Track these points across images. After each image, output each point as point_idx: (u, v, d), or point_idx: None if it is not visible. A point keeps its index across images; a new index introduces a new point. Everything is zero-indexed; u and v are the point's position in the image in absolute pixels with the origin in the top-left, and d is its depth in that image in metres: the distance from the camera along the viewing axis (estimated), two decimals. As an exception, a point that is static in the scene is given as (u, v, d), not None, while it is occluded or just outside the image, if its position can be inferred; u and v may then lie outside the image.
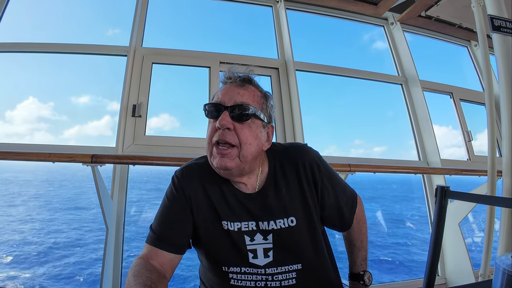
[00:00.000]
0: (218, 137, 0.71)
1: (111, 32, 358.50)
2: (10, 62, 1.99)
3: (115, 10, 40.69)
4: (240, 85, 0.75)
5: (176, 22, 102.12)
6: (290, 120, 1.87)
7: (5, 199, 26.62)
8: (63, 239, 14.39)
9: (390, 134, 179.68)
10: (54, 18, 52.65)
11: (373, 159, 2.03)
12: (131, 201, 18.21)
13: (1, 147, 1.71)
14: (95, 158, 1.41)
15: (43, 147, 1.73)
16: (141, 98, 1.81)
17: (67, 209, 23.14)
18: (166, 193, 0.82)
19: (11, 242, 14.06)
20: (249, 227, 0.76)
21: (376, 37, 20.91)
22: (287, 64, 1.97)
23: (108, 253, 1.62)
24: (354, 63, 7.18)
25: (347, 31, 51.19)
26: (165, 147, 1.75)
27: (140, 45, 1.93)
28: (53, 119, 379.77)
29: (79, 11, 48.92)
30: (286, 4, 2.11)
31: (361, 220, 0.91)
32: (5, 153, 1.51)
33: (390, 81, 2.27)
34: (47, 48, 1.93)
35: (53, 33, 36.01)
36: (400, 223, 17.73)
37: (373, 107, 66.90)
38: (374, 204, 24.49)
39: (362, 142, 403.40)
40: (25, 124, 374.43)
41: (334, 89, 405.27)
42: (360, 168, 1.65)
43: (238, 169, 0.72)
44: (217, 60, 1.91)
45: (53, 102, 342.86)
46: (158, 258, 0.73)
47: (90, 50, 1.93)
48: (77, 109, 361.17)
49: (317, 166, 0.80)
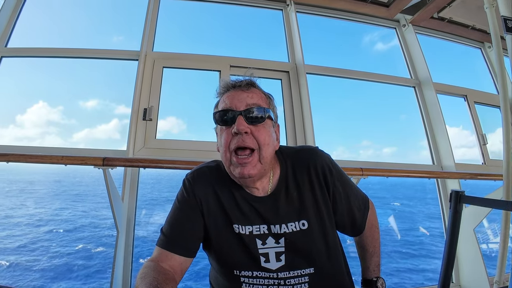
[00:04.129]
0: (237, 143, 0.70)
1: (116, 39, 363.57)
2: (21, 67, 2.03)
3: (122, 17, 41.04)
4: (247, 89, 0.76)
5: (186, 26, 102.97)
6: (301, 123, 1.85)
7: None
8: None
9: (400, 135, 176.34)
10: (62, 25, 53.27)
11: (385, 163, 1.97)
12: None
13: (16, 150, 1.75)
14: (106, 161, 1.42)
15: (56, 150, 1.76)
16: (152, 102, 1.82)
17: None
18: (177, 196, 0.82)
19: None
20: (260, 230, 0.76)
21: (387, 39, 20.68)
22: (298, 67, 1.96)
23: (118, 255, 1.63)
24: (366, 65, 7.07)
25: (358, 33, 50.75)
26: (175, 150, 1.75)
27: (151, 49, 1.95)
28: (62, 122, 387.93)
29: (87, 20, 48.88)
30: (296, 8, 2.10)
31: (373, 226, 0.90)
32: (19, 156, 1.52)
33: (403, 84, 2.23)
34: (60, 53, 1.96)
35: (62, 39, 36.81)
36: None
37: (384, 109, 66.41)
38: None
39: (371, 143, 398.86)
40: (35, 128, 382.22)
41: (342, 90, 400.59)
42: (373, 172, 1.62)
43: (259, 174, 0.72)
44: (227, 63, 1.91)
45: (62, 106, 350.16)
46: (169, 261, 0.72)
47: (102, 54, 1.95)
48: (85, 113, 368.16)
49: (329, 169, 0.79)
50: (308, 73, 1.92)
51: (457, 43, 2.54)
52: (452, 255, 1.20)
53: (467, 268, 1.89)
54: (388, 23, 2.33)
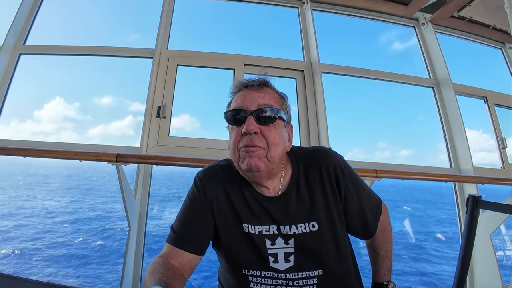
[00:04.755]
0: (246, 142, 0.70)
1: (132, 37, 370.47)
2: (40, 64, 2.07)
3: (138, 15, 40.84)
4: (260, 88, 0.75)
5: (201, 24, 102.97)
6: (315, 122, 1.82)
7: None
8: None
9: (418, 137, 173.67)
10: (80, 24, 54.76)
11: (400, 165, 1.91)
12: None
13: (33, 145, 1.79)
14: (120, 158, 1.44)
15: (71, 146, 1.78)
16: (166, 99, 1.82)
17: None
18: (188, 194, 0.82)
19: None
20: (270, 230, 0.75)
21: (405, 38, 19.90)
22: (313, 66, 1.92)
23: (130, 250, 1.66)
24: (383, 64, 6.87)
25: (375, 32, 49.96)
26: (188, 148, 1.76)
27: (165, 47, 1.95)
28: (78, 118, 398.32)
29: (104, 18, 49.20)
30: (312, 5, 2.06)
31: (386, 229, 0.87)
32: (36, 151, 1.56)
33: (421, 84, 2.16)
34: (77, 51, 2.00)
35: (80, 37, 37.75)
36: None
37: (401, 109, 65.16)
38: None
39: (387, 145, 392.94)
40: (51, 123, 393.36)
41: (358, 89, 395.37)
42: (387, 174, 1.57)
43: (267, 170, 0.71)
44: (241, 62, 1.89)
45: (78, 102, 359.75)
46: (178, 258, 0.72)
47: (118, 52, 1.97)
48: (100, 110, 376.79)
49: (341, 171, 0.77)
50: (324, 72, 1.89)
51: (477, 43, 2.46)
52: (467, 260, 1.16)
53: (481, 274, 1.84)
54: (407, 21, 2.27)
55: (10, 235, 14.21)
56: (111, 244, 13.60)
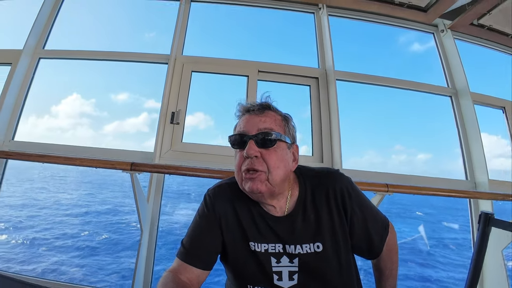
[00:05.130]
0: (247, 165, 0.73)
1: (147, 36, 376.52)
2: (58, 62, 2.12)
3: (154, 17, 42.44)
4: (260, 113, 0.77)
5: (216, 29, 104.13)
6: (328, 131, 1.79)
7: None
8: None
9: (435, 142, 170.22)
10: (98, 25, 55.97)
11: (413, 177, 1.85)
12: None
13: (51, 150, 1.82)
14: (134, 166, 1.49)
15: (87, 150, 1.82)
16: (180, 105, 1.83)
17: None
18: (198, 211, 0.85)
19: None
20: (275, 249, 0.77)
21: (422, 44, 18.92)
22: (328, 74, 1.89)
23: (141, 254, 1.68)
24: (400, 71, 6.66)
25: (390, 38, 48.83)
26: (201, 154, 1.76)
27: (180, 53, 1.96)
28: (94, 114, 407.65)
29: (120, 19, 49.44)
30: (328, 11, 2.03)
31: (392, 249, 0.87)
32: (54, 157, 1.60)
33: (439, 93, 2.10)
34: (93, 56, 2.03)
35: (97, 39, 38.36)
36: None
37: (419, 113, 63.46)
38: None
39: (404, 148, 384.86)
40: (68, 118, 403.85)
41: (374, 92, 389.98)
42: (399, 189, 1.52)
43: (269, 192, 0.74)
44: (255, 69, 1.88)
45: (94, 98, 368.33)
46: (187, 273, 0.76)
47: (134, 58, 2.00)
48: (116, 106, 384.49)
49: (348, 193, 0.79)
50: (338, 80, 1.86)
51: (497, 51, 2.38)
52: (476, 276, 1.13)
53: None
54: (426, 27, 2.20)
55: (22, 225, 14.74)
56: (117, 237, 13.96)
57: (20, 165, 51.04)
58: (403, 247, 15.79)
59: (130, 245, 12.70)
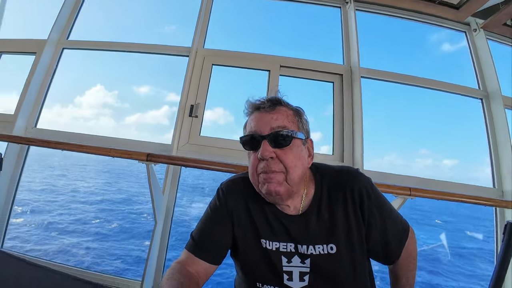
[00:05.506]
0: (263, 168, 0.70)
1: (168, 29, 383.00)
2: (82, 53, 2.15)
3: (176, 8, 41.52)
4: (271, 110, 0.74)
5: (238, 23, 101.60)
6: (350, 130, 1.73)
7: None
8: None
9: (463, 147, 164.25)
10: (118, 16, 57.21)
11: (438, 181, 1.76)
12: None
13: (70, 138, 1.85)
14: (150, 157, 1.49)
15: (105, 140, 1.84)
16: (199, 98, 1.82)
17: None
18: (210, 204, 0.83)
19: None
20: (287, 248, 0.75)
21: (454, 44, 18.03)
22: (352, 71, 1.82)
23: (154, 244, 1.69)
24: (429, 71, 6.37)
25: (419, 35, 47.35)
26: (218, 148, 1.74)
27: (202, 46, 1.95)
28: (116, 106, 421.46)
29: (141, 10, 52.72)
30: (356, 5, 1.95)
31: (410, 256, 0.82)
32: (72, 145, 1.64)
33: (470, 95, 1.98)
34: (116, 47, 2.05)
35: (118, 30, 38.98)
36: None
37: (447, 116, 60.97)
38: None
39: (430, 152, 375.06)
40: (91, 109, 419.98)
41: (399, 94, 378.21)
42: (422, 193, 1.45)
43: (287, 192, 0.71)
44: (277, 63, 1.84)
45: (117, 90, 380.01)
46: (194, 265, 0.74)
47: (156, 49, 2.00)
48: (138, 98, 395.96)
49: (367, 194, 0.75)
50: (363, 77, 1.79)
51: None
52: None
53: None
54: (457, 25, 2.08)
55: (39, 209, 15.37)
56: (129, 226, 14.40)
57: (42, 152, 53.48)
58: (419, 254, 15.59)
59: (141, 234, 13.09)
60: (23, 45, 2.20)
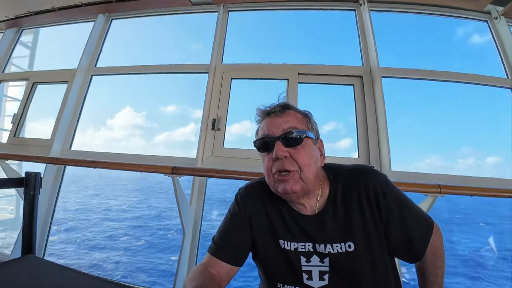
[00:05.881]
0: (278, 167, 0.73)
1: (195, 47, 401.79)
2: (111, 78, 2.30)
3: (198, 28, 43.87)
4: (282, 113, 0.78)
5: (254, 35, 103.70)
6: (375, 132, 1.68)
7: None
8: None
9: (508, 142, 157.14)
10: (146, 41, 60.72)
11: (469, 178, 1.61)
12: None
13: (102, 157, 1.97)
14: (175, 170, 1.56)
15: (134, 157, 1.94)
16: (220, 112, 1.87)
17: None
18: (229, 209, 0.87)
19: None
20: (305, 248, 0.76)
21: (476, 32, 16.79)
22: (372, 71, 1.79)
23: (184, 257, 1.72)
24: (453, 64, 5.98)
25: (451, 31, 45.21)
26: (241, 159, 1.77)
27: (220, 62, 2.02)
28: (145, 126, 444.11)
29: (167, 33, 53.13)
30: (370, 6, 1.94)
31: (436, 252, 0.79)
32: (104, 163, 1.78)
33: (496, 85, 1.85)
34: (140, 70, 2.19)
35: (146, 55, 41.44)
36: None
37: (487, 111, 56.57)
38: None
39: (472, 150, 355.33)
40: (122, 130, 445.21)
41: (427, 92, 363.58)
42: (453, 190, 1.35)
43: (303, 190, 0.73)
44: (295, 71, 1.85)
45: (145, 111, 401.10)
46: (216, 267, 0.78)
47: (177, 69, 2.11)
48: (166, 117, 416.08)
49: (382, 192, 0.74)
50: (384, 77, 1.74)
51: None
52: None
53: None
54: (478, 15, 1.99)
55: (74, 227, 16.41)
56: (157, 242, 14.79)
57: (77, 173, 56.91)
58: (456, 258, 14.64)
59: (169, 248, 13.43)
60: (56, 75, 2.40)
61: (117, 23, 2.48)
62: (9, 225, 3.92)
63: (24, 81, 2.54)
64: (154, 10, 2.34)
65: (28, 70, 3.13)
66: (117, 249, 13.02)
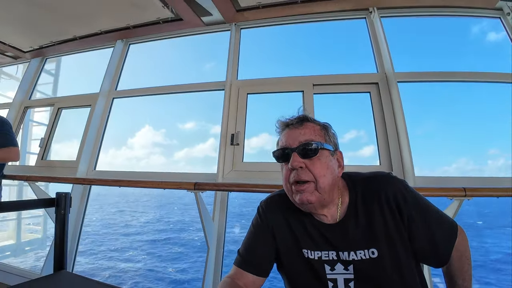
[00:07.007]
0: (294, 177, 0.75)
1: (208, 66, 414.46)
2: (130, 99, 2.41)
3: (211, 47, 45.54)
4: (299, 126, 0.80)
5: (268, 50, 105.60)
6: (395, 138, 1.66)
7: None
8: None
9: None
10: (163, 64, 63.91)
11: (495, 178, 1.54)
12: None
13: (126, 176, 2.05)
14: (197, 186, 1.60)
15: (156, 175, 1.99)
16: (238, 127, 1.91)
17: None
18: (252, 222, 0.90)
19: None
20: (329, 256, 0.78)
21: (498, 31, 16.60)
22: (388, 77, 1.78)
23: (208, 271, 1.74)
24: (470, 63, 5.72)
25: (467, 29, 44.07)
26: (261, 172, 1.78)
27: (235, 78, 2.07)
28: (165, 143, 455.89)
29: (181, 55, 55.21)
30: (380, 13, 1.95)
31: (462, 256, 0.78)
32: (128, 181, 1.85)
33: (508, 81, 1.78)
34: (158, 91, 2.29)
35: (162, 75, 43.35)
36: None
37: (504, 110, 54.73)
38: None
39: (499, 151, 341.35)
40: (142, 149, 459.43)
41: (448, 95, 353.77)
42: (479, 192, 1.32)
43: (319, 201, 0.75)
44: (310, 83, 1.87)
45: (164, 129, 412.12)
46: (243, 279, 0.81)
47: (194, 88, 2.18)
48: (184, 134, 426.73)
49: (403, 197, 0.75)
50: (400, 82, 1.73)
51: None
52: None
53: None
54: (490, 12, 1.95)
55: (97, 242, 17.33)
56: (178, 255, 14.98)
57: (101, 191, 59.14)
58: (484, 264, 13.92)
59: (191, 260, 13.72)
60: (80, 99, 2.52)
61: (133, 48, 2.60)
62: (36, 245, 4.07)
63: (49, 107, 2.68)
64: (169, 33, 2.45)
65: (52, 95, 3.31)
66: (138, 261, 13.35)
